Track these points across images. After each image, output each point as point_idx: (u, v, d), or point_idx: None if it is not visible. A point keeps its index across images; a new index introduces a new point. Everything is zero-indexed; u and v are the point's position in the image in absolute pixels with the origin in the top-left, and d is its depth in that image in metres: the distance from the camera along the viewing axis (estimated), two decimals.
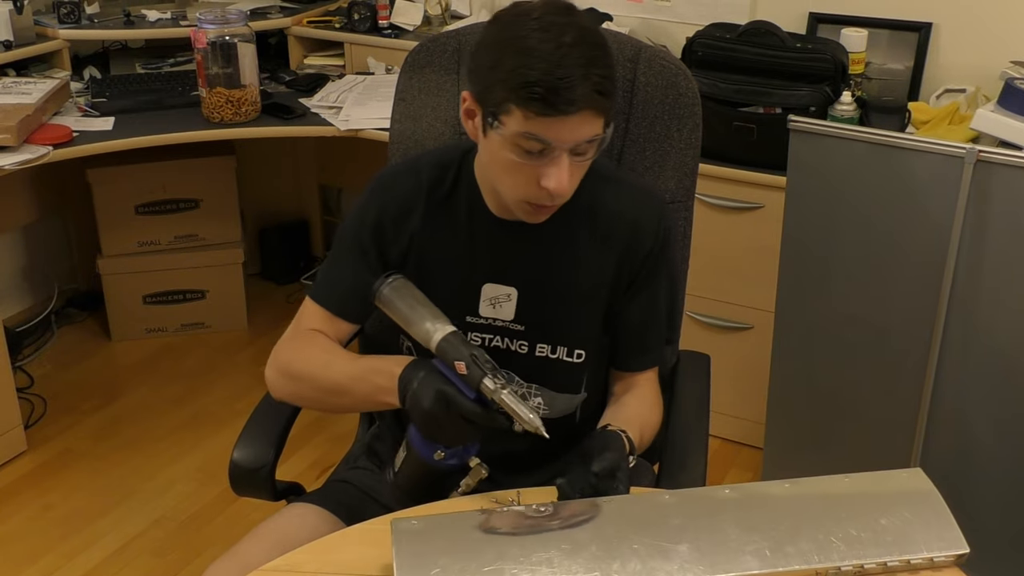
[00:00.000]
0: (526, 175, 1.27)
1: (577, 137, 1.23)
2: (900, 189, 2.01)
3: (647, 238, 1.43)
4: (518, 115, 1.22)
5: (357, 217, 1.45)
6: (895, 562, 1.16)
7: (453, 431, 1.24)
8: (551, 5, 1.25)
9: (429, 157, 1.47)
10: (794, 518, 1.21)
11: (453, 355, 1.24)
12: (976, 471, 2.11)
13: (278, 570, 1.21)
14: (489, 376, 1.21)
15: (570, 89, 1.19)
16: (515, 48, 1.22)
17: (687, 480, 1.45)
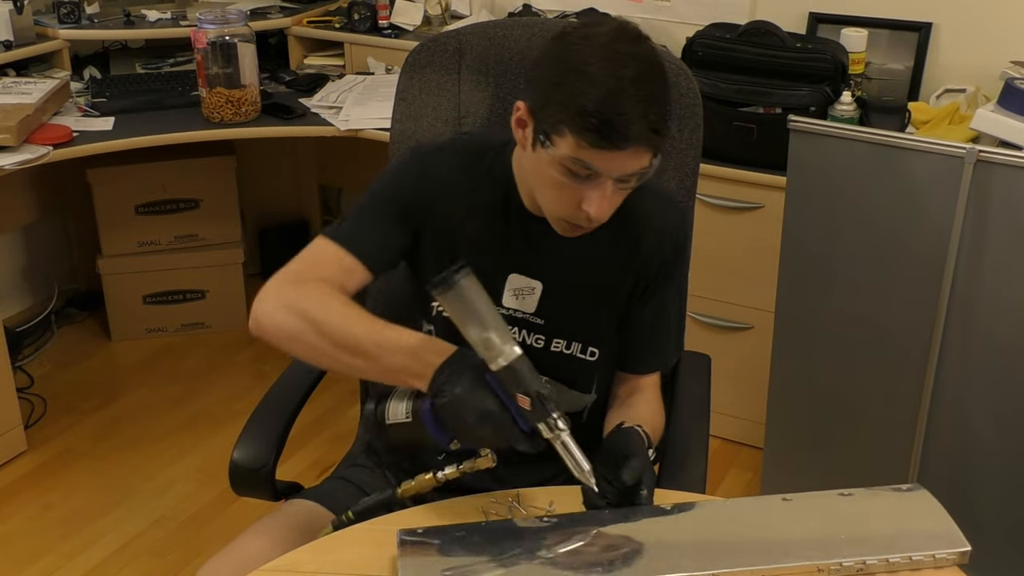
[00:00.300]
0: (568, 195, 1.28)
1: (625, 169, 1.24)
2: (900, 189, 2.01)
3: (668, 244, 1.46)
4: (571, 140, 1.22)
5: (397, 178, 1.43)
6: (897, 559, 1.16)
7: (484, 443, 1.22)
8: (620, 31, 1.23)
9: (469, 142, 1.47)
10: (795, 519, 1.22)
11: (518, 386, 1.18)
12: (976, 471, 2.11)
13: (278, 570, 1.21)
14: (552, 417, 1.18)
15: (626, 126, 1.19)
16: (577, 74, 1.21)
17: (687, 480, 1.45)
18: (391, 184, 1.43)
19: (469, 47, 1.69)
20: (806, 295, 2.17)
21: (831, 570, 1.15)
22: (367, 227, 1.40)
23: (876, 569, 1.16)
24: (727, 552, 1.16)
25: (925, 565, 1.17)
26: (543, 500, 1.30)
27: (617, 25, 1.24)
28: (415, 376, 1.22)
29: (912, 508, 1.25)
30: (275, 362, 3.14)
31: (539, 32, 1.69)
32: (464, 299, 1.20)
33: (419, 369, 1.22)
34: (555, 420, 1.18)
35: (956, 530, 1.20)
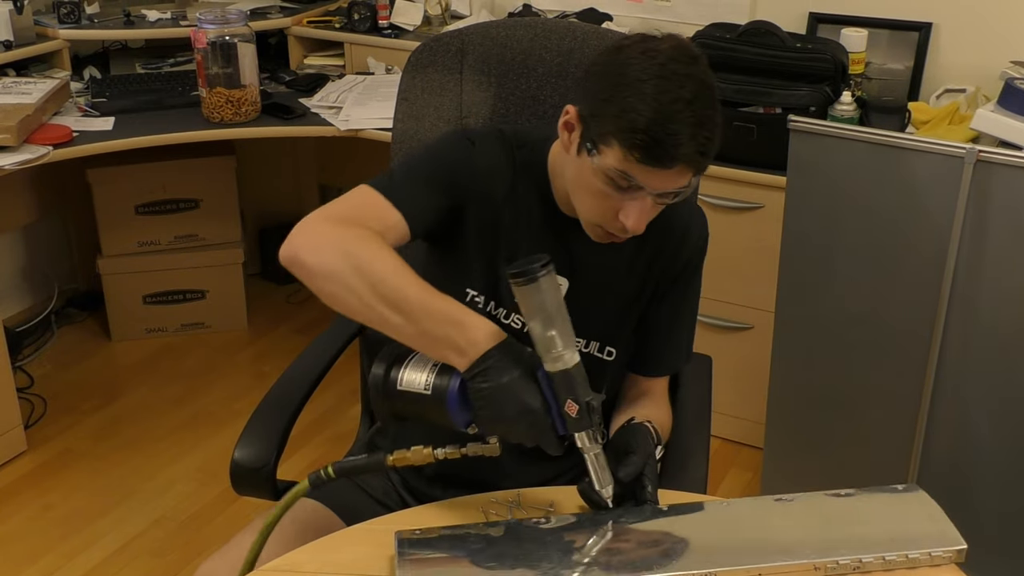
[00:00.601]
0: (607, 205, 1.29)
1: (667, 187, 1.26)
2: (900, 189, 2.01)
3: (688, 248, 1.48)
4: (618, 153, 1.23)
5: (447, 150, 1.42)
6: (894, 557, 1.16)
7: (512, 437, 1.20)
8: (678, 50, 1.24)
9: (512, 134, 1.46)
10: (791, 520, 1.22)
11: (571, 393, 1.16)
12: (976, 471, 2.11)
13: (278, 570, 1.21)
14: (592, 430, 1.18)
15: (675, 146, 1.21)
16: (632, 89, 1.22)
17: (688, 480, 1.45)
18: (441, 154, 1.42)
19: (471, 47, 1.69)
20: (806, 295, 2.17)
21: (828, 569, 1.16)
22: (415, 186, 1.37)
23: (873, 567, 1.16)
24: (724, 551, 1.17)
25: (922, 563, 1.17)
26: (543, 500, 1.30)
27: (676, 44, 1.25)
28: (455, 350, 1.18)
29: (909, 507, 1.25)
30: (275, 362, 3.15)
31: (541, 32, 1.69)
32: (541, 295, 1.18)
33: (463, 345, 1.17)
34: (594, 433, 1.18)
35: (952, 529, 1.20)
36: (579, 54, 1.66)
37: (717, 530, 1.21)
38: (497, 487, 1.34)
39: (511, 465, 1.41)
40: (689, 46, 1.26)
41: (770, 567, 1.14)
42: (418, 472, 1.51)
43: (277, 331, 3.36)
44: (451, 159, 1.40)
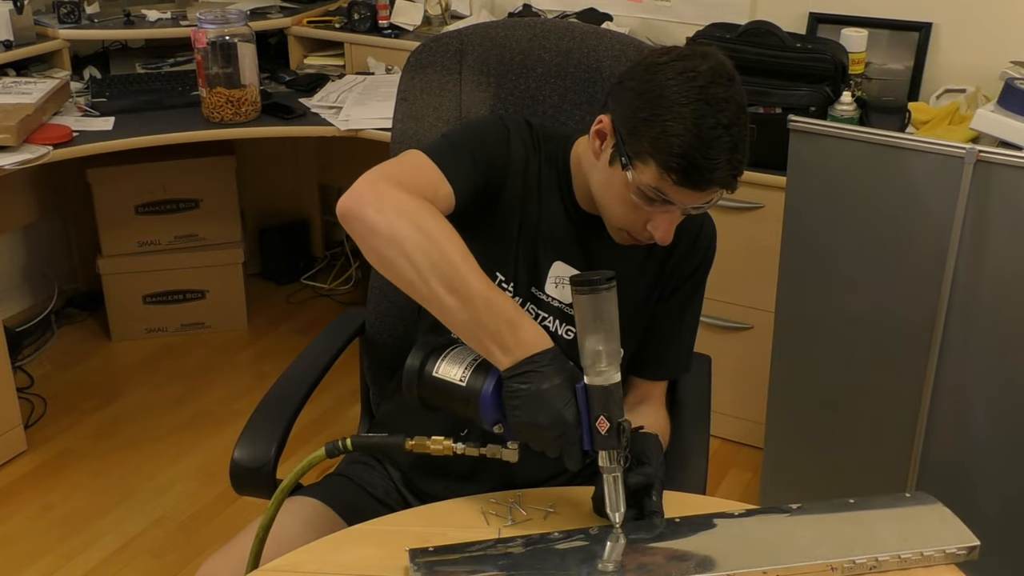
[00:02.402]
0: (637, 215, 1.32)
1: (697, 203, 1.30)
2: (900, 189, 2.01)
3: (698, 254, 1.50)
4: (654, 172, 1.26)
5: (491, 134, 1.42)
6: (909, 555, 1.17)
7: (537, 444, 1.19)
8: (716, 72, 1.25)
9: (541, 126, 1.47)
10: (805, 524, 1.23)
11: (604, 408, 1.17)
12: (976, 471, 2.11)
13: (278, 570, 1.21)
14: (616, 451, 1.17)
15: (712, 171, 1.24)
16: (672, 113, 1.24)
17: (688, 480, 1.45)
18: (483, 133, 1.42)
19: (471, 47, 1.69)
20: (806, 295, 2.17)
21: (844, 568, 1.16)
22: (462, 160, 1.37)
23: (888, 566, 1.17)
24: (740, 555, 1.17)
25: (937, 561, 1.18)
26: (543, 502, 1.30)
27: (714, 65, 1.26)
28: (502, 347, 1.17)
29: (918, 509, 1.26)
30: (275, 362, 3.15)
31: (540, 32, 1.69)
32: (599, 309, 1.18)
33: (511, 343, 1.17)
34: (619, 456, 1.18)
35: (963, 527, 1.21)
36: (578, 54, 1.66)
37: (731, 537, 1.21)
38: (499, 486, 1.34)
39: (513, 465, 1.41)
40: (726, 66, 1.28)
41: (787, 568, 1.15)
42: (419, 467, 1.51)
43: (277, 331, 3.36)
44: (492, 139, 1.42)
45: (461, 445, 1.22)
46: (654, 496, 1.23)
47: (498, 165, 1.40)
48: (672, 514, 1.25)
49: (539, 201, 1.43)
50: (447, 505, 1.31)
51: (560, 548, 1.19)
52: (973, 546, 1.19)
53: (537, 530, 1.24)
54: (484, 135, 1.42)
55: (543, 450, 1.20)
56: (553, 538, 1.20)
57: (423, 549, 1.17)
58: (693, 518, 1.24)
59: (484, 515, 1.27)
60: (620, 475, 1.19)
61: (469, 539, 1.21)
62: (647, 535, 1.20)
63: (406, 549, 1.17)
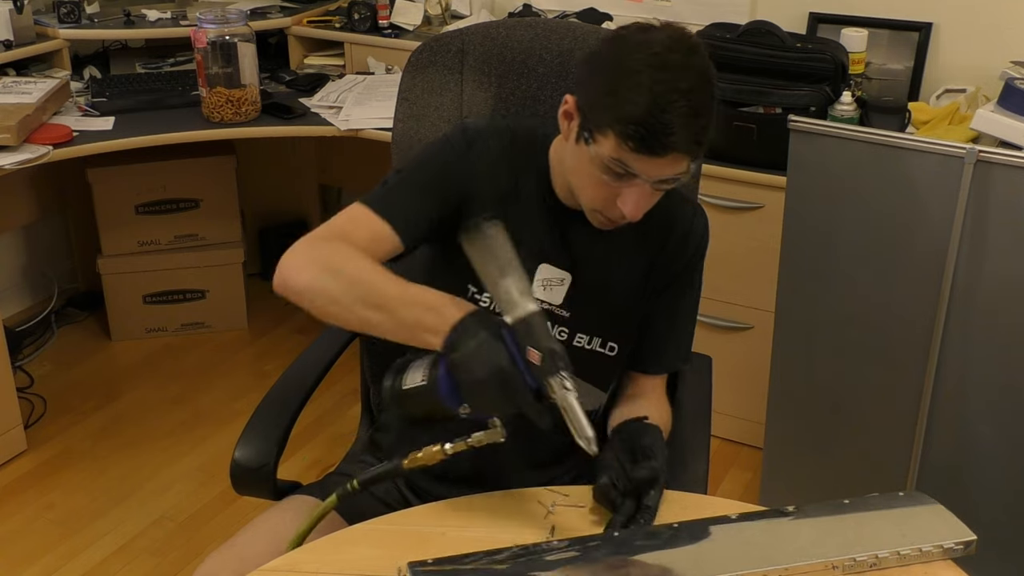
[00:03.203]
0: (606, 192, 1.31)
1: (663, 174, 1.27)
2: (900, 189, 2.01)
3: (690, 246, 1.49)
4: (613, 142, 1.25)
5: (444, 150, 1.42)
6: (908, 551, 1.18)
7: (493, 406, 1.18)
8: (676, 41, 1.25)
9: (514, 126, 1.46)
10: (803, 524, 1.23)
11: (531, 339, 1.15)
12: (976, 471, 2.11)
13: (278, 570, 1.21)
14: (561, 374, 1.14)
15: (669, 135, 1.22)
16: (629, 80, 1.23)
17: (689, 479, 1.45)
18: (437, 156, 1.42)
19: (472, 47, 1.69)
20: (806, 295, 2.17)
21: (845, 566, 1.16)
22: (406, 196, 1.38)
23: (888, 563, 1.17)
24: (740, 557, 1.17)
25: (934, 557, 1.19)
26: (547, 499, 1.30)
27: (672, 34, 1.26)
28: (431, 331, 1.19)
29: (915, 507, 1.26)
30: (275, 362, 3.15)
31: (541, 32, 1.69)
32: (489, 247, 1.21)
33: (436, 324, 1.19)
34: (563, 378, 1.14)
35: (959, 523, 1.22)
36: (579, 54, 1.66)
37: (729, 540, 1.21)
38: (498, 486, 1.34)
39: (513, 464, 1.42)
40: (686, 36, 1.27)
41: (788, 567, 1.15)
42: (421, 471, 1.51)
43: (277, 331, 3.35)
44: (447, 163, 1.41)
45: (450, 445, 1.22)
46: (653, 492, 1.23)
47: (457, 188, 1.39)
48: (673, 514, 1.25)
49: (516, 205, 1.42)
50: (447, 505, 1.31)
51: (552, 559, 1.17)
52: (970, 541, 1.20)
53: (536, 530, 1.23)
54: (438, 161, 1.42)
55: (502, 411, 1.18)
56: (549, 547, 1.19)
57: (423, 562, 1.17)
58: (690, 524, 1.24)
59: (484, 515, 1.27)
60: (574, 400, 1.14)
61: (469, 539, 1.21)
62: (644, 543, 1.20)
63: (407, 563, 1.16)
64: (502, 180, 1.41)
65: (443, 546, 1.20)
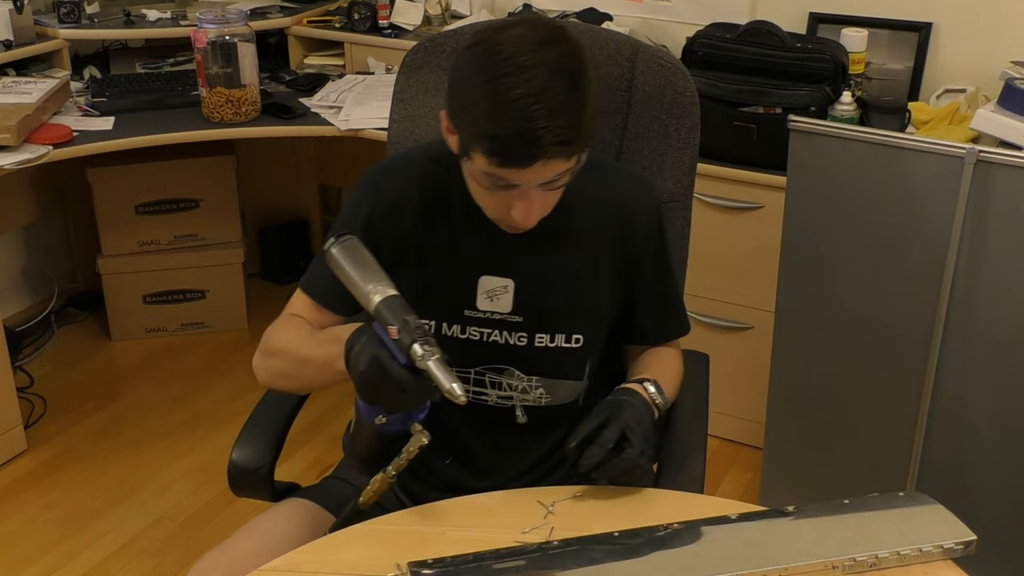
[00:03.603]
0: (497, 202, 1.29)
1: (541, 178, 1.24)
2: (900, 189, 2.01)
3: (641, 220, 1.45)
4: (481, 159, 1.23)
5: (350, 214, 1.44)
6: (908, 551, 1.18)
7: (388, 397, 1.20)
8: (523, 39, 1.20)
9: (421, 151, 1.48)
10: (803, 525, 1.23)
11: (389, 319, 1.19)
12: (976, 471, 2.11)
13: (278, 570, 1.21)
14: (419, 342, 1.16)
15: (529, 144, 1.18)
16: (480, 93, 1.20)
17: (685, 479, 1.45)
18: (348, 213, 1.45)
19: None
20: (806, 295, 2.17)
21: (845, 566, 1.16)
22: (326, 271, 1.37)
23: (888, 563, 1.17)
24: (741, 557, 1.17)
25: (934, 557, 1.19)
26: (547, 499, 1.30)
27: (520, 33, 1.21)
28: (337, 359, 1.24)
29: (915, 507, 1.26)
30: None
31: None
32: (341, 265, 1.25)
33: (339, 351, 1.24)
34: (422, 343, 1.15)
35: (959, 523, 1.22)
36: None
37: (729, 540, 1.21)
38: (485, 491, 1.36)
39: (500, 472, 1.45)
40: (538, 29, 1.22)
41: (788, 567, 1.15)
42: (413, 476, 1.51)
43: None
44: (356, 213, 1.43)
45: (390, 467, 1.26)
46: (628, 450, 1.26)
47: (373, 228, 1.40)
48: (674, 514, 1.25)
49: (441, 227, 1.41)
50: (447, 504, 1.31)
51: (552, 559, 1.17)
52: (970, 541, 1.20)
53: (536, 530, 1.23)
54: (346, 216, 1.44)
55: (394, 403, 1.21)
56: (549, 547, 1.19)
57: (423, 562, 1.17)
58: (691, 524, 1.24)
59: (484, 515, 1.27)
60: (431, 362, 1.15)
61: (469, 539, 1.21)
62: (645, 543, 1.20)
63: (407, 562, 1.16)
64: (418, 206, 1.41)
65: (443, 546, 1.20)
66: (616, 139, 1.64)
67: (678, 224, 1.66)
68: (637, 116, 1.63)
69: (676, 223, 1.65)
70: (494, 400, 1.46)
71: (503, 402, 1.46)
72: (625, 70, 1.63)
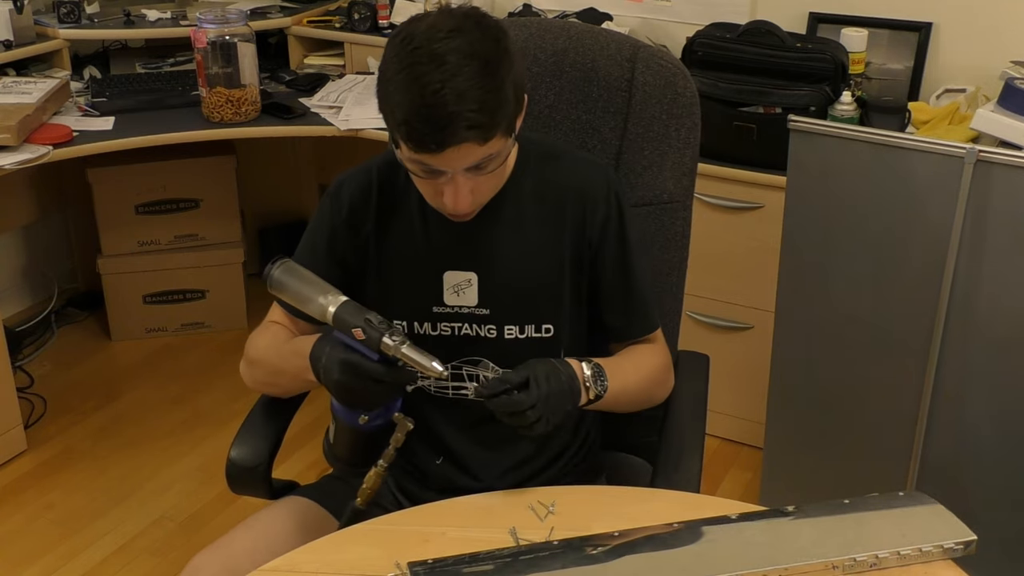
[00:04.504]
0: (431, 189, 1.32)
1: (463, 164, 1.26)
2: (900, 189, 2.01)
3: (599, 204, 1.44)
4: (404, 147, 1.26)
5: (314, 224, 1.48)
6: (908, 551, 1.18)
7: (367, 396, 1.26)
8: (435, 27, 1.23)
9: (381, 156, 1.49)
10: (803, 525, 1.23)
11: (350, 323, 1.23)
12: (976, 471, 2.11)
13: (278, 570, 1.21)
14: (387, 335, 1.22)
15: (437, 130, 1.21)
16: (395, 81, 1.23)
17: (682, 480, 1.45)
18: (313, 225, 1.49)
19: None
20: (806, 295, 2.17)
21: (845, 566, 1.16)
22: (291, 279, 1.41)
23: (888, 563, 1.17)
24: (739, 557, 1.17)
25: (934, 557, 1.19)
26: (547, 499, 1.30)
27: (433, 22, 1.24)
28: (307, 371, 1.31)
29: (915, 507, 1.26)
30: None
31: (536, 32, 1.69)
32: (286, 287, 1.29)
33: (304, 364, 1.32)
34: (390, 335, 1.22)
35: (959, 522, 1.22)
36: (573, 53, 1.66)
37: (729, 540, 1.21)
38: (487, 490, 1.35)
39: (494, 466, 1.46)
40: (452, 17, 1.24)
41: (788, 567, 1.15)
42: (410, 477, 1.51)
43: None
44: (320, 224, 1.48)
45: (380, 461, 1.30)
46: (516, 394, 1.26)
47: (334, 249, 1.46)
48: (674, 514, 1.25)
49: (401, 228, 1.44)
50: (447, 504, 1.31)
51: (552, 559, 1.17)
52: (970, 541, 1.20)
53: (537, 530, 1.23)
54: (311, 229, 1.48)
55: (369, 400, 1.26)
56: (549, 547, 1.19)
57: (423, 562, 1.17)
58: (691, 524, 1.24)
59: (484, 515, 1.27)
60: (407, 348, 1.21)
61: (469, 539, 1.21)
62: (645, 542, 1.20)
63: (407, 562, 1.16)
64: (376, 210, 1.44)
65: (443, 546, 1.21)
66: (616, 139, 1.64)
67: (678, 224, 1.66)
68: (637, 116, 1.63)
69: (676, 223, 1.65)
70: (473, 394, 1.46)
71: None
72: (625, 70, 1.63)
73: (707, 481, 1.52)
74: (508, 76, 1.25)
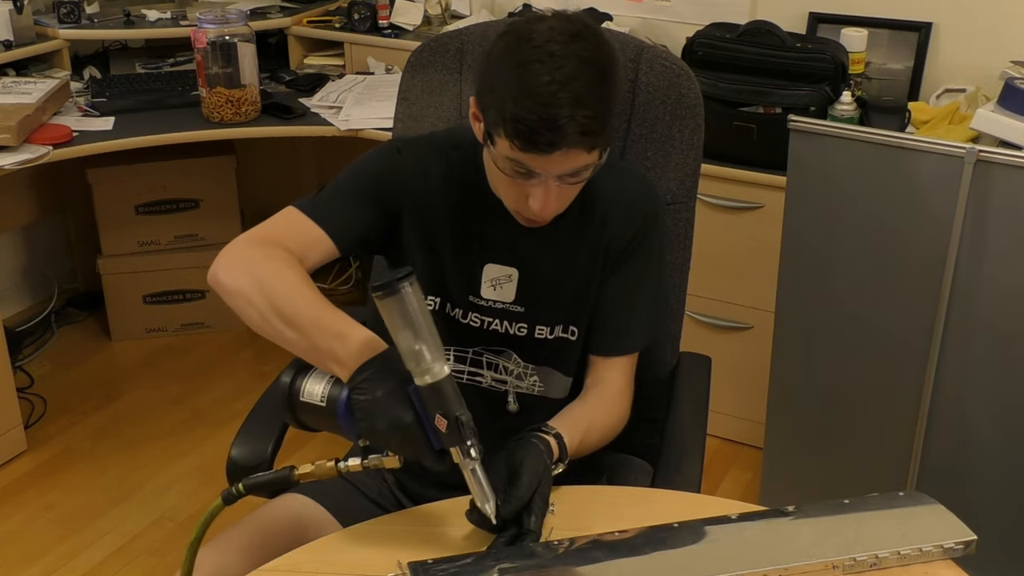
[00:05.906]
0: (515, 191, 1.30)
1: (562, 169, 1.25)
2: (900, 189, 2.01)
3: (636, 219, 1.45)
4: (505, 143, 1.24)
5: (378, 161, 1.43)
6: (908, 551, 1.18)
7: (392, 449, 1.17)
8: (556, 31, 1.22)
9: (444, 136, 1.48)
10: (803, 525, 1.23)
11: (439, 405, 1.13)
12: (976, 471, 2.11)
13: (278, 570, 1.21)
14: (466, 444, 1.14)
15: (553, 131, 1.19)
16: (510, 77, 1.21)
17: (682, 481, 1.45)
18: (371, 166, 1.44)
19: (471, 47, 1.69)
20: (806, 295, 2.17)
21: (845, 566, 1.16)
22: (340, 202, 1.40)
23: (888, 563, 1.17)
24: (739, 557, 1.17)
25: (934, 556, 1.19)
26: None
27: (554, 25, 1.23)
28: (338, 363, 1.19)
29: (915, 507, 1.26)
30: (275, 362, 3.14)
31: None
32: (404, 308, 1.14)
33: (344, 358, 1.18)
34: (468, 447, 1.14)
35: (959, 522, 1.22)
36: None
37: (729, 540, 1.21)
38: None
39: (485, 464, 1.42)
40: (572, 23, 1.24)
41: (788, 567, 1.15)
42: (412, 474, 1.51)
43: None
44: (376, 170, 1.42)
45: (344, 464, 1.20)
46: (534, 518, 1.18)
47: (390, 191, 1.41)
48: (674, 514, 1.24)
49: (454, 212, 1.42)
50: (447, 504, 1.31)
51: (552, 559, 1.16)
52: (970, 540, 1.19)
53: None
54: (367, 168, 1.43)
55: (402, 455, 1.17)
56: (549, 547, 1.19)
57: (423, 562, 1.16)
58: (691, 524, 1.23)
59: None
60: (478, 467, 1.14)
61: (469, 539, 1.21)
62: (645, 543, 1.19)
63: (407, 562, 1.16)
64: (437, 188, 1.42)
65: (443, 546, 1.20)
66: (619, 140, 1.64)
67: (681, 226, 1.66)
68: (641, 117, 1.63)
69: (679, 224, 1.65)
70: (488, 382, 1.46)
71: (497, 386, 1.47)
72: (629, 71, 1.62)
73: (707, 481, 1.52)
74: (616, 89, 1.26)
